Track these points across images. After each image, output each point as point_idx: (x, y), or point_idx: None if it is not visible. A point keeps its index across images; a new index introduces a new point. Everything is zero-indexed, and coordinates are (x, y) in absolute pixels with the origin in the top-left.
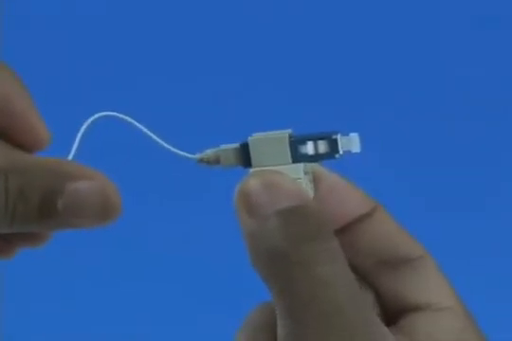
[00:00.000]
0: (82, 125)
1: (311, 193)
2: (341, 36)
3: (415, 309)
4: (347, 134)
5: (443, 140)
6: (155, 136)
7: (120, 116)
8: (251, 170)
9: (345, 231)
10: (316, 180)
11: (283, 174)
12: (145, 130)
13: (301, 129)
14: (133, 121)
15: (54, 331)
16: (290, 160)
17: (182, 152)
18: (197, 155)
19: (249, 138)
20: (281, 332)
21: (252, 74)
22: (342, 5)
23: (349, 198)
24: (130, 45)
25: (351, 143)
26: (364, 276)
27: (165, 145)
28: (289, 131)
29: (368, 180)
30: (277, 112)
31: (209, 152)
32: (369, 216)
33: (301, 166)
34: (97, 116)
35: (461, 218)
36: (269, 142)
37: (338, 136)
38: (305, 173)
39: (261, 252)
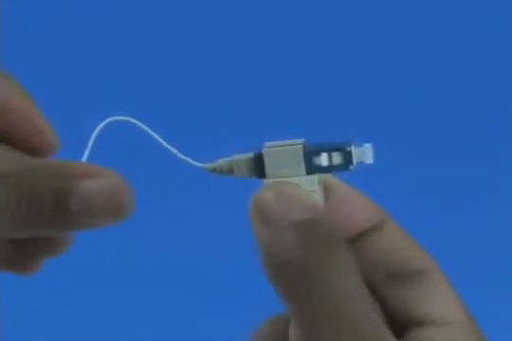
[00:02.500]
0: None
1: (322, 203)
2: (342, 36)
3: (421, 323)
4: (361, 145)
5: (443, 140)
6: (166, 144)
7: (133, 120)
8: (265, 181)
9: (353, 242)
10: (326, 190)
11: (298, 186)
12: (157, 137)
13: (302, 129)
14: (145, 127)
15: (54, 331)
16: (304, 172)
17: (193, 162)
18: (209, 165)
19: (264, 149)
20: (294, 337)
21: (254, 76)
22: (342, 6)
23: (359, 209)
24: (133, 47)
25: (364, 154)
26: (372, 287)
27: (177, 154)
28: (302, 140)
29: (368, 180)
30: (278, 111)
31: (221, 162)
32: (378, 228)
33: (315, 177)
34: (108, 120)
35: (461, 218)
36: (284, 153)
37: (353, 148)
38: (318, 183)
39: (275, 264)
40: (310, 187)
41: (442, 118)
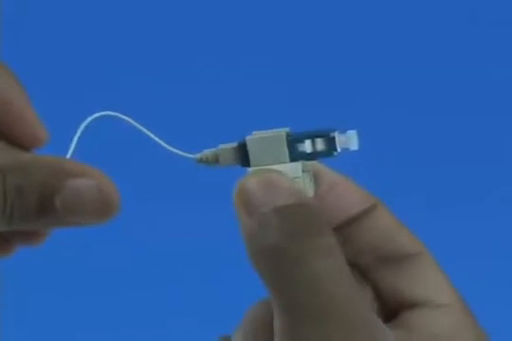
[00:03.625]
0: (80, 123)
1: (311, 191)
2: (338, 34)
3: (414, 305)
4: (345, 132)
5: (442, 140)
6: (154, 136)
7: (119, 115)
8: (250, 169)
9: (345, 228)
10: (316, 177)
11: (281, 173)
12: (145, 130)
13: (298, 127)
14: (132, 121)
15: (54, 331)
16: (288, 159)
17: (181, 152)
18: (197, 155)
19: (247, 138)
20: (278, 328)
21: (249, 73)
22: (341, 7)
23: (349, 195)
24: (129, 45)
25: (349, 141)
26: (364, 272)
27: (165, 145)
28: (287, 129)
29: (367, 178)
30: (273, 109)
31: (207, 152)
32: (368, 212)
33: (299, 164)
34: (96, 115)
35: (461, 218)
36: (267, 141)
37: (336, 134)
38: (305, 171)
39: (258, 249)
40: (294, 173)
41: (441, 118)
